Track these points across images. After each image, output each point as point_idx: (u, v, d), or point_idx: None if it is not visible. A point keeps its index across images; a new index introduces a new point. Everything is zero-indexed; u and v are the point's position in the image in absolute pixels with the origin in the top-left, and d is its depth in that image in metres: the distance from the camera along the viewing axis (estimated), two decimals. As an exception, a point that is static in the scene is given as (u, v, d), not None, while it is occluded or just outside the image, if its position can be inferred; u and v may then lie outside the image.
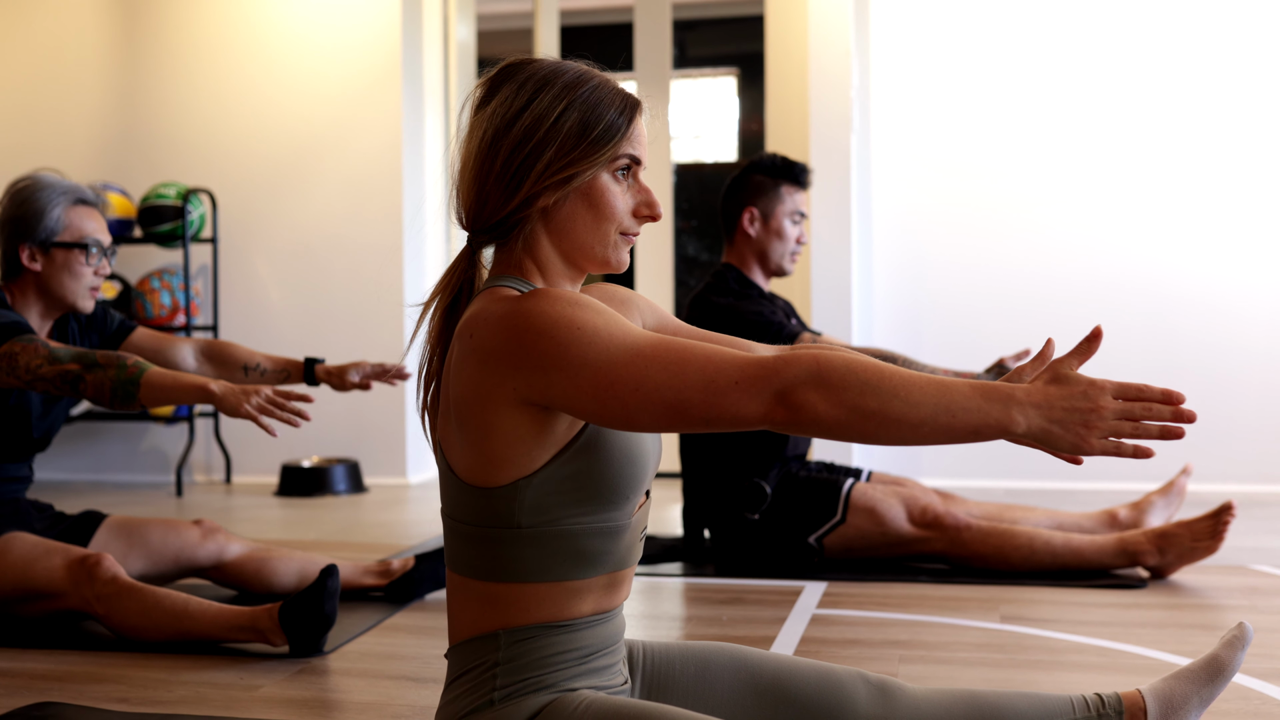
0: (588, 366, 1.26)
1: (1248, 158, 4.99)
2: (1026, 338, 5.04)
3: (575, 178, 1.37)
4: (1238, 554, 3.44)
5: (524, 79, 1.39)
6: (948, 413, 1.22)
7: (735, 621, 2.68)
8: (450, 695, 1.41)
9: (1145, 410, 1.23)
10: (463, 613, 1.41)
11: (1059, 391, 1.24)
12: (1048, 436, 1.24)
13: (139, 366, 2.46)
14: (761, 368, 1.24)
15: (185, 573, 2.83)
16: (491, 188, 1.37)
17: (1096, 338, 1.30)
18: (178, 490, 5.06)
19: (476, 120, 1.40)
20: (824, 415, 1.23)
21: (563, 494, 1.34)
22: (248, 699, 2.11)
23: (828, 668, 1.63)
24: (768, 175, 3.45)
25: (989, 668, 2.28)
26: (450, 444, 1.38)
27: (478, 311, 1.33)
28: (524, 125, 1.36)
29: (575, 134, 1.37)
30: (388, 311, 5.29)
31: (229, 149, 5.43)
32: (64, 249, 2.68)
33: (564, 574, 1.37)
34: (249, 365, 2.90)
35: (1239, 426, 4.94)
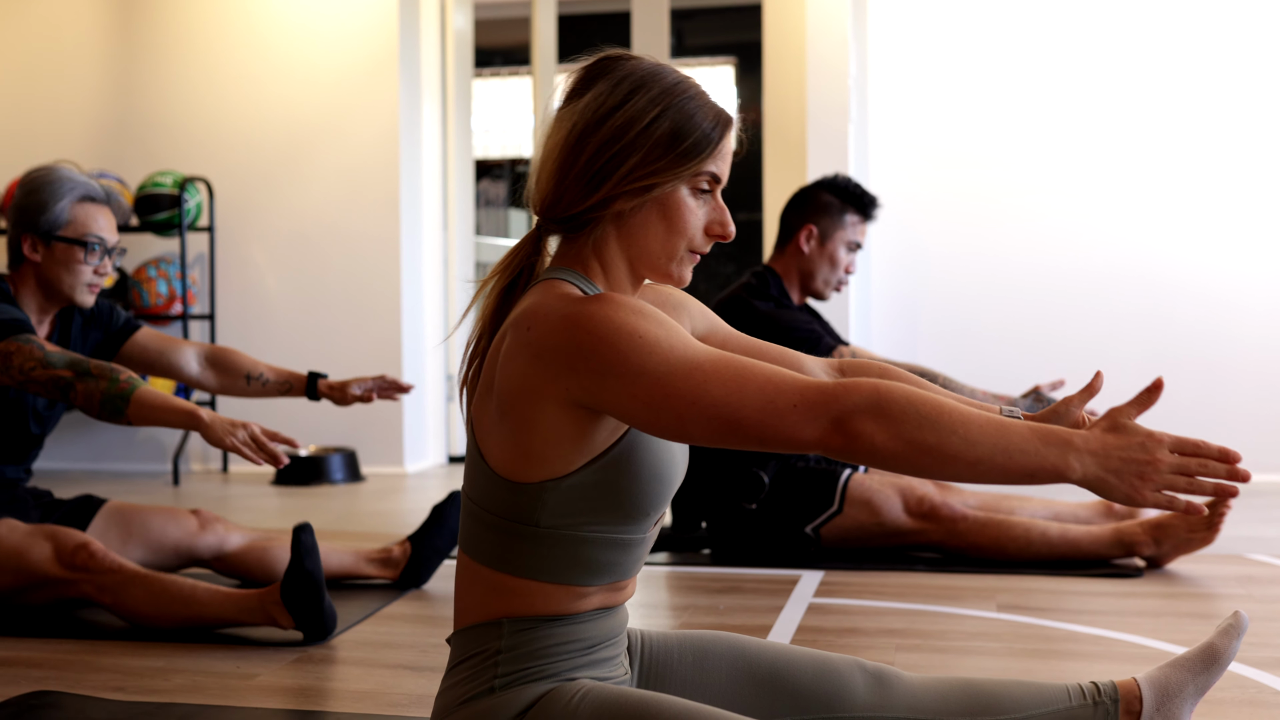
0: (646, 375, 1.25)
1: (1244, 148, 4.99)
2: (1022, 327, 5.04)
3: (656, 187, 1.36)
4: (1234, 543, 3.45)
5: (621, 77, 1.38)
6: (1005, 453, 1.22)
7: (732, 610, 2.68)
8: (451, 680, 1.41)
9: (1201, 466, 1.24)
10: (469, 596, 1.41)
11: (1116, 441, 1.24)
12: (1102, 485, 1.24)
13: (131, 383, 2.44)
14: (821, 392, 1.23)
15: (185, 563, 2.83)
16: (571, 183, 1.36)
17: (1157, 389, 1.31)
18: (174, 479, 5.06)
19: (566, 111, 1.38)
20: (881, 446, 1.22)
21: (587, 501, 1.34)
22: (245, 687, 2.11)
23: (825, 656, 1.64)
24: (836, 197, 3.43)
25: (986, 656, 2.28)
26: (485, 429, 1.37)
27: (537, 305, 1.32)
28: (614, 125, 1.35)
29: (664, 143, 1.35)
30: (384, 300, 5.29)
31: (226, 137, 5.42)
32: (65, 243, 2.66)
33: (572, 579, 1.38)
34: (252, 374, 2.88)
35: (1234, 416, 4.95)
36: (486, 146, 9.50)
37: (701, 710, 1.33)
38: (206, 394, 3.50)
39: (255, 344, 5.37)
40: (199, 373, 2.88)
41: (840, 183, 3.46)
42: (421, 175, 5.48)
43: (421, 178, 5.48)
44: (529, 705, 1.36)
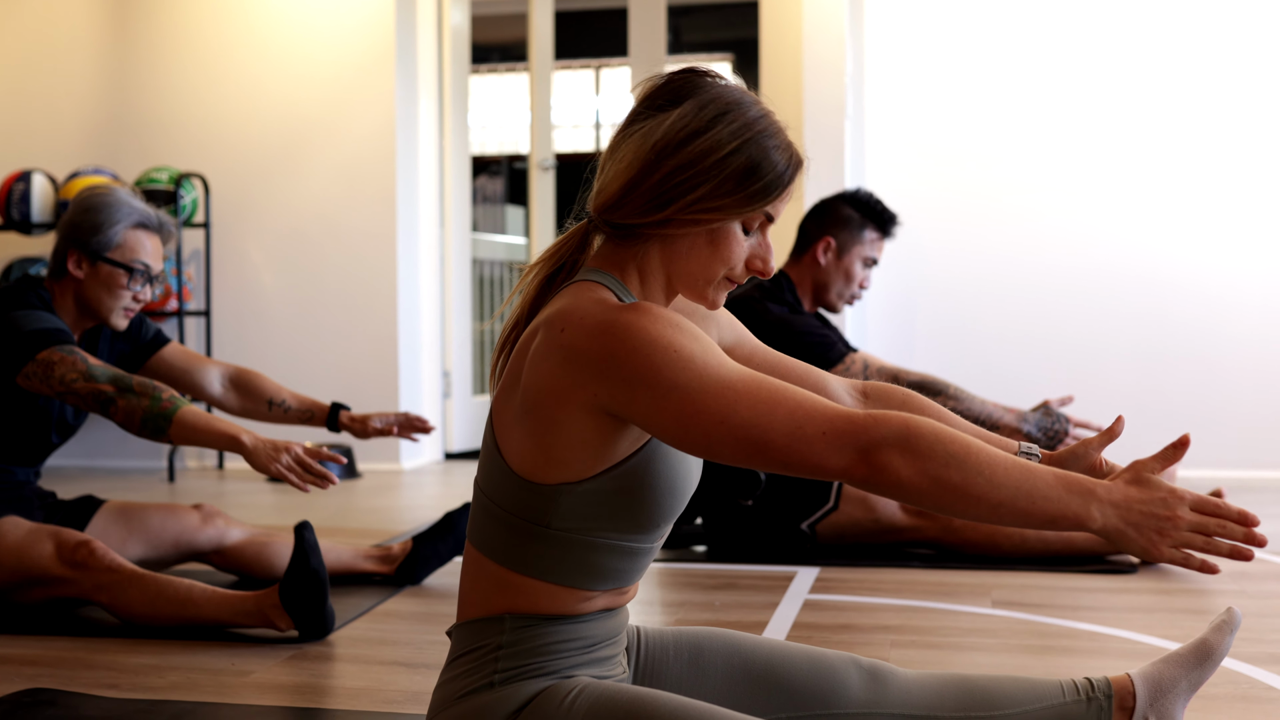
0: (677, 390, 1.25)
1: (1241, 146, 4.99)
2: (1019, 325, 5.04)
3: (716, 221, 1.35)
4: (1229, 540, 3.45)
5: (708, 100, 1.36)
6: (1028, 498, 1.24)
7: (728, 607, 2.68)
8: (451, 674, 1.41)
9: (1219, 526, 1.25)
10: (473, 590, 1.41)
11: (1139, 494, 1.26)
12: (1121, 537, 1.25)
13: (174, 402, 2.44)
14: (851, 422, 1.24)
15: (185, 558, 2.83)
16: (638, 196, 1.34)
17: (1183, 446, 1.32)
18: (170, 476, 5.06)
19: (650, 125, 1.36)
20: (905, 480, 1.23)
21: (601, 507, 1.35)
22: (239, 684, 2.11)
23: (820, 653, 1.64)
24: (858, 212, 3.43)
25: (980, 652, 2.29)
26: (505, 424, 1.37)
27: (572, 308, 1.31)
28: (693, 151, 1.33)
29: (736, 178, 1.33)
30: (381, 296, 5.29)
31: (222, 133, 5.42)
32: (110, 266, 2.66)
33: (577, 582, 1.38)
34: (275, 400, 2.88)
35: (1230, 413, 4.95)
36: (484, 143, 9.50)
37: (696, 707, 1.33)
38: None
39: (251, 340, 5.37)
40: (221, 394, 2.88)
41: (862, 197, 3.45)
42: (418, 171, 5.47)
43: (418, 174, 5.47)
44: (526, 701, 1.36)
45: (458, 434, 5.78)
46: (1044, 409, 3.28)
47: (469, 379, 5.85)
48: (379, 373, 5.28)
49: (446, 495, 4.53)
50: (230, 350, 5.36)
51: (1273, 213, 4.97)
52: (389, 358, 5.28)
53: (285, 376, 5.15)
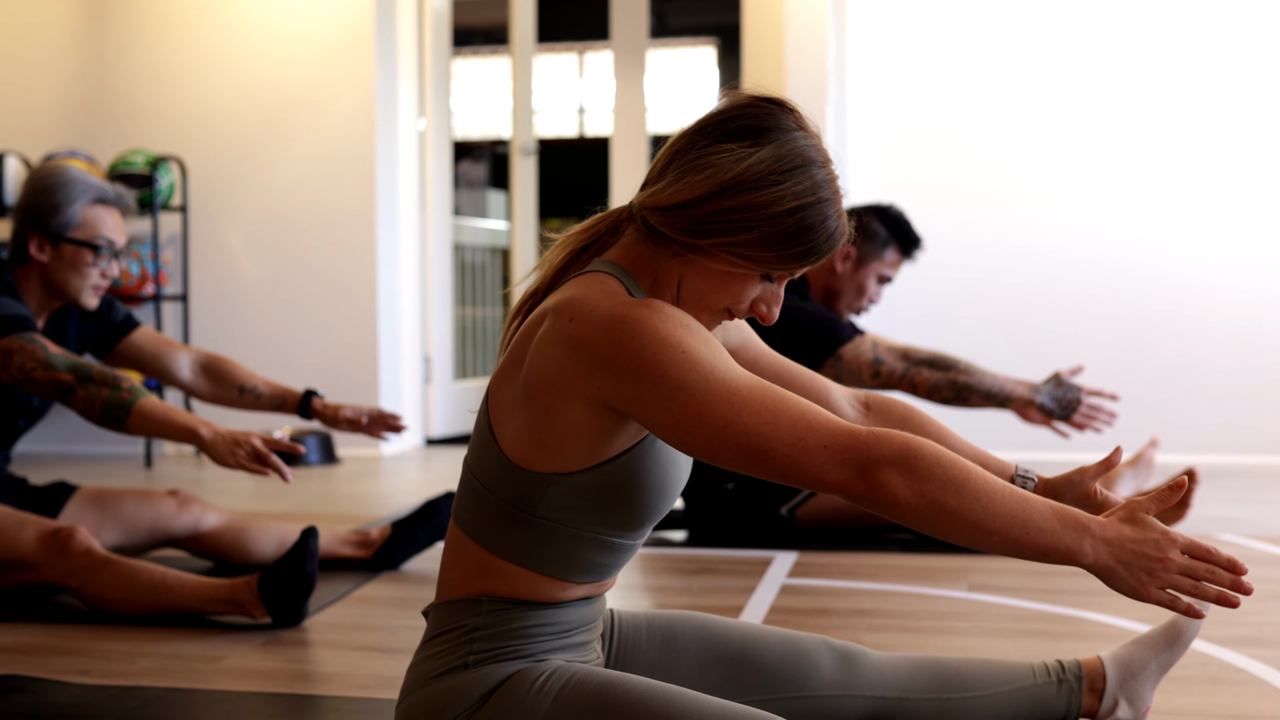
0: (682, 391, 1.25)
1: (1219, 134, 5.00)
2: (998, 310, 5.05)
3: (744, 267, 1.33)
4: (1203, 524, 3.47)
5: (787, 152, 1.32)
6: (1022, 528, 1.24)
7: (705, 591, 2.68)
8: (425, 653, 1.41)
9: (1208, 572, 1.26)
10: (454, 569, 1.41)
11: (1132, 534, 1.27)
12: (1110, 574, 1.26)
13: (134, 393, 2.42)
14: (853, 438, 1.24)
15: (160, 543, 2.81)
16: (688, 215, 1.32)
17: (1179, 488, 1.32)
18: (147, 462, 5.03)
19: (726, 160, 1.32)
20: (902, 500, 1.23)
21: (588, 501, 1.34)
22: (211, 670, 2.10)
23: (793, 635, 1.64)
24: (885, 228, 3.40)
25: (956, 636, 2.29)
26: (502, 407, 1.36)
27: (583, 298, 1.30)
28: (754, 199, 1.30)
29: (781, 237, 1.31)
30: (361, 281, 5.27)
31: (199, 116, 5.38)
32: (74, 245, 2.63)
33: (558, 572, 1.38)
34: (246, 386, 2.85)
35: (1206, 398, 4.97)
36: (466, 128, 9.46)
37: (666, 690, 1.33)
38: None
39: (229, 325, 5.34)
40: (191, 380, 2.85)
41: (893, 215, 3.42)
42: (398, 155, 5.45)
43: (398, 158, 5.45)
44: (498, 684, 1.36)
45: (439, 420, 5.77)
46: (1055, 380, 3.28)
47: (450, 364, 5.83)
48: (359, 358, 5.26)
49: (427, 481, 4.52)
50: (209, 335, 5.33)
51: (1250, 201, 4.99)
52: (369, 343, 5.26)
53: (264, 362, 5.13)
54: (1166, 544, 1.26)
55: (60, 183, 2.64)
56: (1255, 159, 4.98)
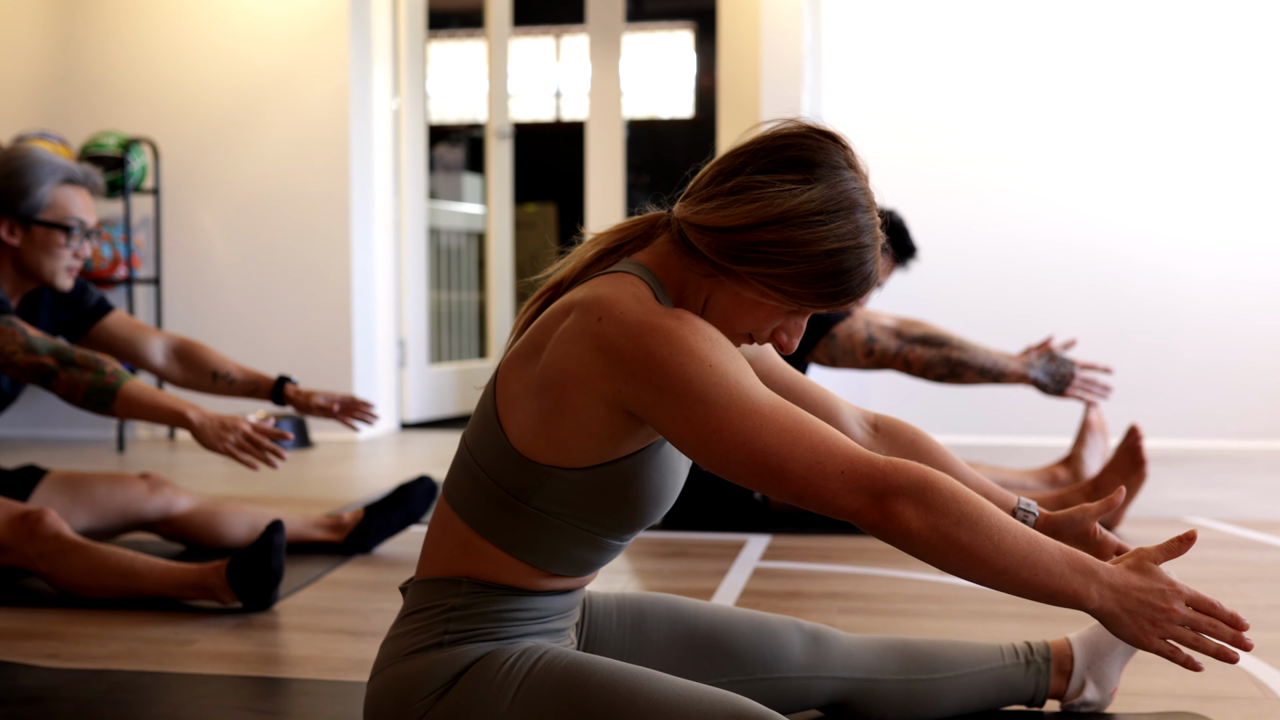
0: (705, 404, 1.25)
1: (1192, 124, 5.02)
2: (972, 297, 5.06)
3: (774, 299, 1.33)
4: (1173, 506, 3.50)
5: (837, 194, 1.32)
6: (1031, 569, 1.25)
7: (677, 574, 2.69)
8: (401, 629, 1.41)
9: (1210, 625, 1.28)
10: (438, 548, 1.41)
11: (1139, 582, 1.28)
12: (1114, 621, 1.28)
13: (118, 376, 2.40)
14: (871, 466, 1.25)
15: (131, 527, 2.80)
16: (725, 241, 1.31)
17: (1189, 541, 1.34)
18: (119, 446, 5.00)
19: (776, 195, 1.30)
20: (915, 531, 1.24)
21: (585, 499, 1.34)
22: (182, 654, 2.09)
23: (762, 617, 1.64)
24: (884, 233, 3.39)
25: (926, 619, 2.30)
26: (512, 393, 1.35)
27: (613, 298, 1.29)
28: (797, 236, 1.30)
29: (818, 276, 1.31)
30: (335, 265, 5.24)
31: (172, 98, 5.34)
32: (45, 228, 2.60)
33: (543, 563, 1.38)
34: (219, 372, 2.83)
35: (1178, 383, 5.01)
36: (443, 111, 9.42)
37: (633, 671, 1.33)
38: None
39: (202, 309, 5.31)
40: (164, 365, 2.84)
41: (895, 220, 3.41)
42: (373, 138, 5.42)
43: (373, 141, 5.42)
44: (471, 664, 1.36)
45: (413, 404, 5.75)
46: (1049, 354, 3.29)
47: (425, 348, 5.82)
48: (333, 341, 5.24)
49: (401, 466, 4.51)
50: (181, 318, 5.30)
51: (1223, 190, 5.02)
52: (343, 326, 5.24)
53: (238, 345, 5.11)
54: (1172, 595, 1.28)
55: (27, 164, 2.61)
56: (1229, 148, 5.01)
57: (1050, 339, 3.41)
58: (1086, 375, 3.28)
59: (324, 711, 1.77)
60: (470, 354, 6.45)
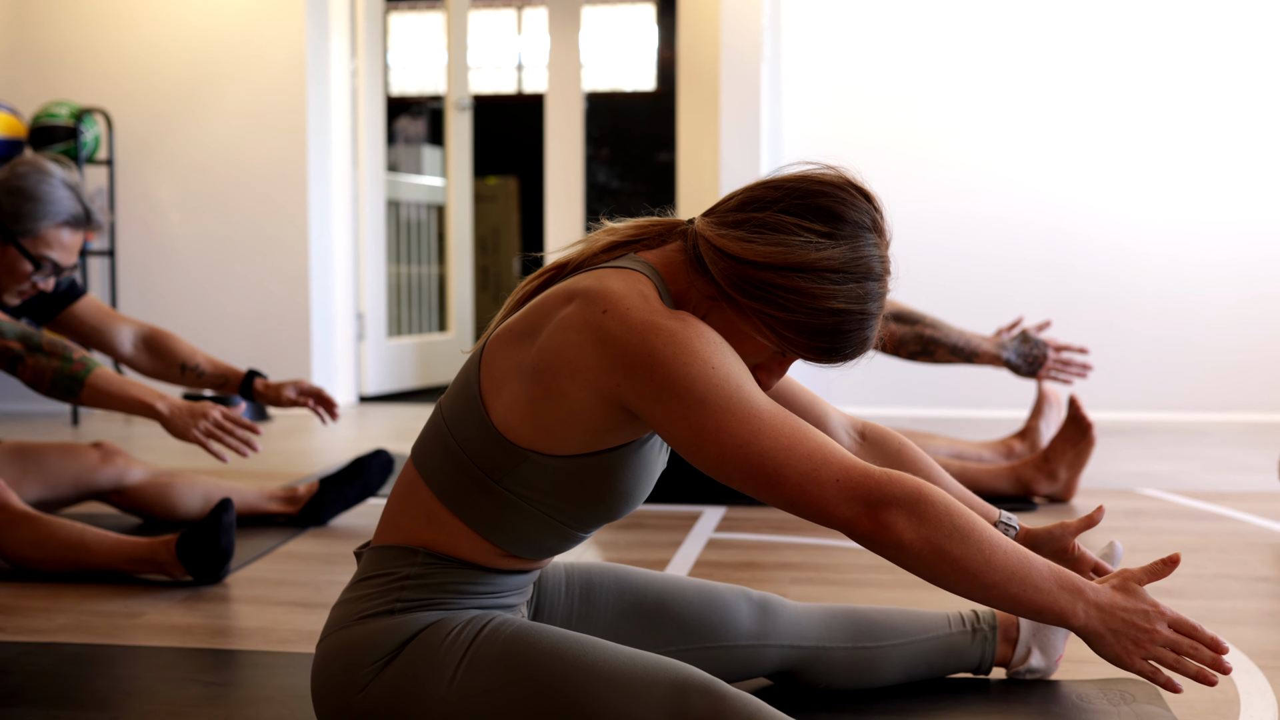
0: (704, 405, 1.25)
1: (1147, 101, 5.05)
2: (929, 273, 5.09)
3: (767, 339, 1.33)
4: (1126, 478, 3.53)
5: (858, 257, 1.32)
6: (1020, 585, 1.28)
7: (632, 545, 2.69)
8: (353, 594, 1.41)
9: (1192, 648, 1.32)
10: (401, 513, 1.40)
11: (1124, 603, 1.32)
12: (1098, 640, 1.32)
13: (85, 364, 2.38)
14: (866, 476, 1.26)
15: (84, 497, 2.77)
16: (738, 273, 1.31)
17: (1172, 564, 1.37)
18: (74, 419, 4.96)
19: (800, 246, 1.30)
20: (907, 542, 1.26)
21: (557, 486, 1.34)
22: (131, 626, 2.08)
23: (711, 586, 1.65)
24: None
25: (878, 588, 2.32)
26: (500, 371, 1.34)
27: (619, 293, 1.29)
28: (809, 288, 1.30)
29: (816, 330, 1.31)
30: (292, 237, 5.20)
31: (125, 66, 5.27)
32: (20, 253, 2.56)
33: (503, 543, 1.38)
34: (188, 364, 2.81)
35: (1131, 357, 5.05)
36: (404, 84, 9.35)
37: (578, 639, 1.34)
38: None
39: (158, 281, 5.26)
40: (132, 354, 2.81)
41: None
42: (330, 109, 5.37)
43: (330, 112, 5.37)
44: (415, 633, 1.36)
45: (372, 377, 5.73)
46: (1022, 335, 3.30)
47: (383, 321, 5.79)
48: (291, 314, 5.21)
49: (359, 439, 4.49)
50: (137, 291, 5.25)
51: (1177, 167, 5.05)
52: (301, 299, 5.21)
53: (194, 318, 5.06)
54: (1155, 616, 1.32)
55: (42, 195, 2.56)
56: (1183, 127, 5.05)
57: (1020, 320, 3.42)
58: (1061, 356, 3.29)
59: (273, 682, 1.77)
60: (430, 327, 6.43)
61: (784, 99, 5.19)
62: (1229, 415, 5.02)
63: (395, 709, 1.33)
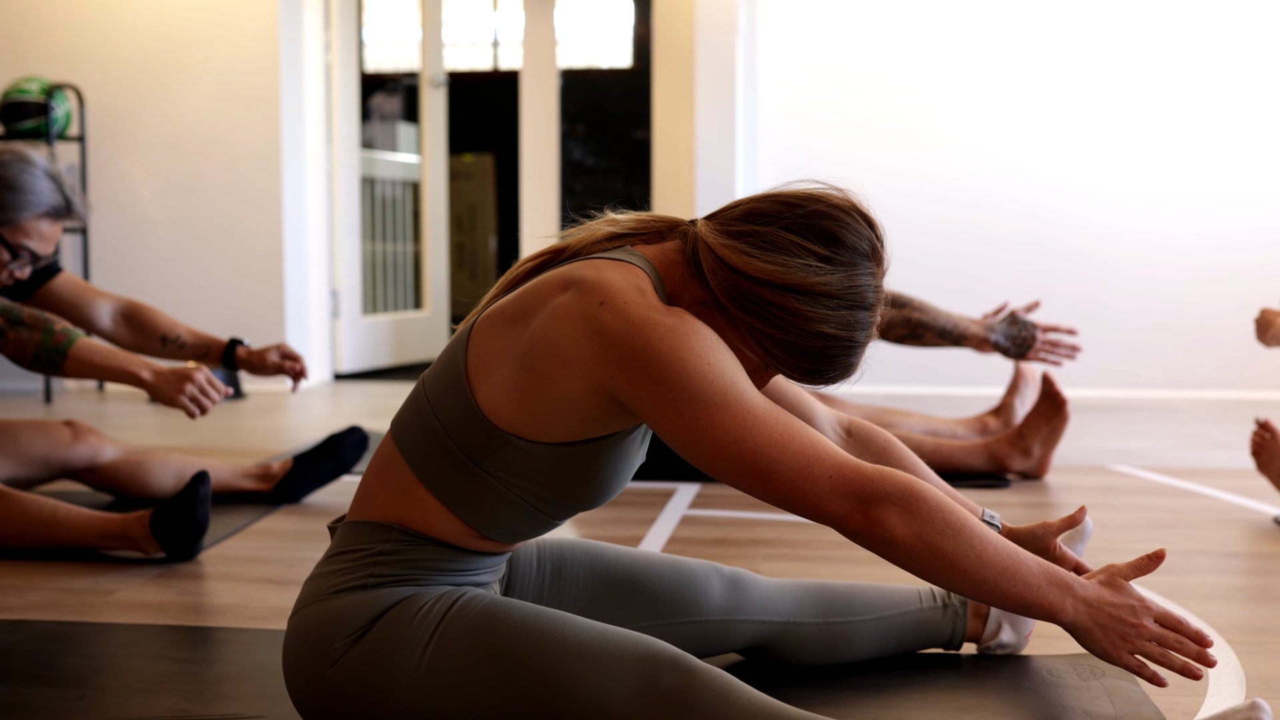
0: (699, 400, 1.25)
1: (1122, 80, 5.06)
2: (904, 251, 5.09)
3: (752, 353, 1.34)
4: (1099, 455, 3.56)
5: (853, 285, 1.32)
6: (1009, 580, 1.29)
7: (605, 522, 2.70)
8: (327, 568, 1.40)
9: (1177, 642, 1.34)
10: (377, 488, 1.40)
11: (1111, 598, 1.34)
12: (1086, 635, 1.33)
13: (67, 335, 2.36)
14: (858, 473, 1.27)
15: (56, 475, 2.75)
16: (736, 284, 1.31)
17: (1158, 559, 1.39)
18: (46, 397, 4.93)
19: (801, 268, 1.31)
20: (899, 538, 1.26)
21: (536, 471, 1.34)
22: (102, 604, 2.07)
23: (682, 562, 1.65)
24: None
25: (850, 565, 2.33)
26: (489, 352, 1.34)
27: (616, 285, 1.29)
28: (801, 309, 1.30)
29: (802, 350, 1.32)
30: (266, 213, 5.17)
31: (97, 42, 5.21)
32: None
33: (477, 524, 1.38)
34: (169, 336, 2.79)
35: (1106, 335, 5.08)
36: (379, 60, 9.29)
37: (548, 614, 1.34)
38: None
39: (131, 259, 5.23)
40: (111, 328, 2.79)
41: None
42: (303, 85, 5.33)
43: (303, 87, 5.33)
44: (387, 609, 1.35)
45: (347, 355, 5.71)
46: (1011, 317, 3.31)
47: (358, 299, 5.76)
48: (265, 292, 5.18)
49: (334, 416, 4.48)
50: (109, 268, 5.21)
51: (1150, 146, 5.07)
52: (275, 276, 5.18)
53: (168, 295, 5.03)
54: (1142, 611, 1.34)
55: (24, 185, 2.51)
56: (1157, 105, 5.06)
57: (1007, 303, 3.42)
58: (1050, 338, 3.30)
59: (244, 659, 1.77)
60: (406, 305, 6.40)
61: (759, 77, 5.18)
62: (1202, 392, 5.06)
63: (367, 684, 1.33)
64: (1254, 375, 4.90)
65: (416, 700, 1.31)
